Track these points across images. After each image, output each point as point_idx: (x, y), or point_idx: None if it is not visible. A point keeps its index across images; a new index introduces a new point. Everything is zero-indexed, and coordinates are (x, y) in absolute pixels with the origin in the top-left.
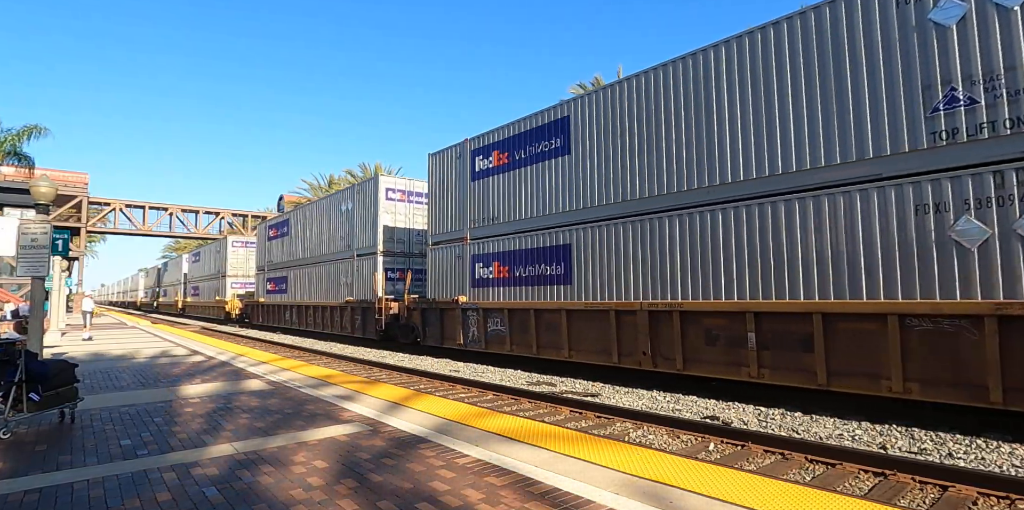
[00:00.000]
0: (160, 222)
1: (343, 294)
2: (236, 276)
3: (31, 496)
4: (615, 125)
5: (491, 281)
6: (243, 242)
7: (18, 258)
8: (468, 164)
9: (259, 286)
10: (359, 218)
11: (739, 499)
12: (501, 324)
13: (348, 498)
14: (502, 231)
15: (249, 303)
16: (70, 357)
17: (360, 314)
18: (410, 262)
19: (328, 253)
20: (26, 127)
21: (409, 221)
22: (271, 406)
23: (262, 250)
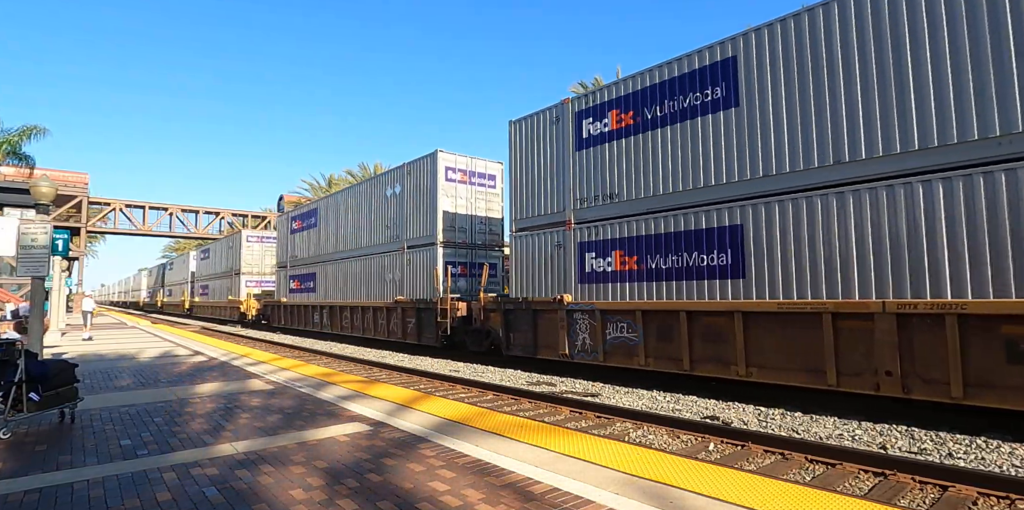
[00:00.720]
0: (160, 222)
1: (390, 293)
2: (251, 274)
3: (31, 496)
4: (816, 59)
5: (610, 275)
6: (259, 237)
7: (18, 258)
8: (570, 130)
9: (280, 285)
10: (411, 203)
11: (739, 499)
12: (630, 330)
13: (348, 498)
14: (627, 212)
15: (269, 303)
16: (70, 357)
17: (415, 316)
18: (472, 255)
19: (369, 245)
20: (26, 127)
21: (471, 206)
22: (271, 406)
23: (284, 245)
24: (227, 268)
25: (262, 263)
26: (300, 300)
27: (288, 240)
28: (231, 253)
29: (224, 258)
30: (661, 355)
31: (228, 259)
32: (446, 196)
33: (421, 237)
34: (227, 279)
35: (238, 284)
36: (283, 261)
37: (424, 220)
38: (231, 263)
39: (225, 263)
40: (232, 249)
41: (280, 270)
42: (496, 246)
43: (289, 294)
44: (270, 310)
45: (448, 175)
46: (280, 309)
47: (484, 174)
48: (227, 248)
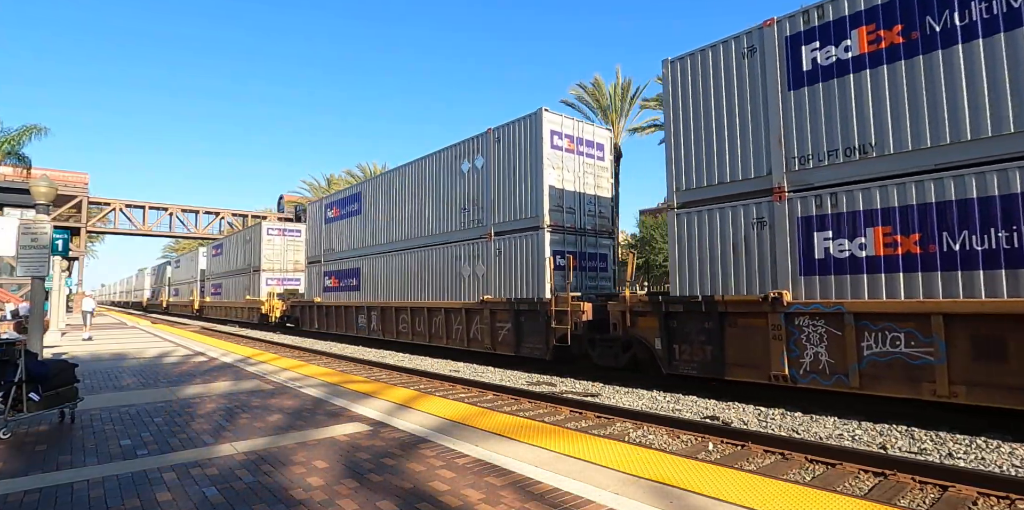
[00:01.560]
0: (160, 222)
1: (469, 290)
2: (272, 271)
3: (31, 496)
4: None
5: (867, 263)
6: (280, 229)
7: (18, 258)
8: (778, 62)
9: (312, 283)
10: (500, 178)
11: (739, 499)
12: (915, 343)
13: (348, 498)
14: (895, 169)
15: (298, 304)
16: (70, 357)
17: (511, 320)
18: (581, 243)
19: (436, 234)
20: (26, 127)
21: (579, 182)
22: (271, 406)
23: (316, 236)
24: (244, 265)
25: (284, 259)
26: (339, 300)
27: (322, 231)
28: (249, 248)
29: (240, 254)
30: (983, 381)
31: (245, 255)
32: (552, 168)
33: (518, 220)
34: (244, 277)
35: (257, 282)
36: (315, 255)
37: (522, 199)
38: (249, 259)
39: (242, 259)
40: (250, 243)
41: (311, 266)
42: (607, 233)
43: (324, 293)
44: (300, 311)
45: (554, 141)
46: (313, 311)
47: (592, 142)
48: (244, 243)
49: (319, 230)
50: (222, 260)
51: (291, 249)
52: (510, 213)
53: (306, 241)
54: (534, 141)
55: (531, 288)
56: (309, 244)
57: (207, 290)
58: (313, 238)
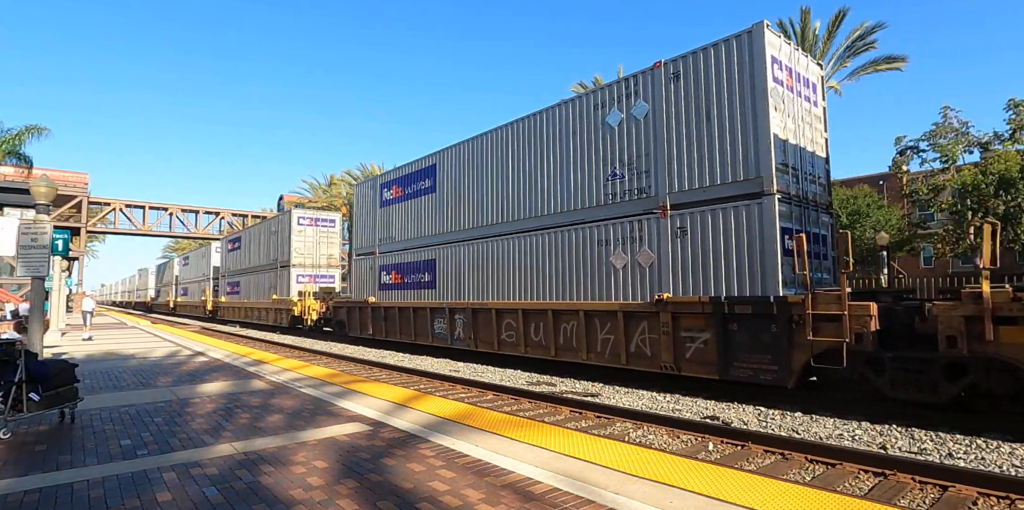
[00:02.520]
0: (160, 222)
1: (625, 287)
2: (304, 266)
3: (31, 496)
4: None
5: None
6: (312, 219)
7: (18, 258)
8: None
9: (361, 279)
10: (681, 128)
11: (739, 499)
12: None
13: (348, 498)
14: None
15: (343, 304)
16: (70, 357)
17: (717, 329)
18: (804, 218)
19: (565, 211)
20: (27, 127)
21: (799, 134)
22: (271, 406)
23: (369, 223)
24: (269, 260)
25: (316, 253)
26: (404, 300)
27: (376, 216)
28: (275, 240)
29: (264, 247)
30: None
31: (270, 248)
32: (775, 109)
33: (720, 186)
34: (268, 274)
35: (286, 280)
36: (365, 246)
37: (727, 155)
38: (276, 253)
39: (266, 254)
40: (277, 235)
41: (361, 259)
42: (825, 205)
43: (381, 291)
44: (347, 314)
45: (775, 72)
46: (366, 313)
47: (807, 81)
48: (268, 235)
49: (371, 215)
50: (240, 255)
51: (324, 241)
52: (704, 176)
53: (353, 230)
54: (749, 71)
55: (746, 282)
56: (358, 233)
57: (222, 289)
58: (363, 225)
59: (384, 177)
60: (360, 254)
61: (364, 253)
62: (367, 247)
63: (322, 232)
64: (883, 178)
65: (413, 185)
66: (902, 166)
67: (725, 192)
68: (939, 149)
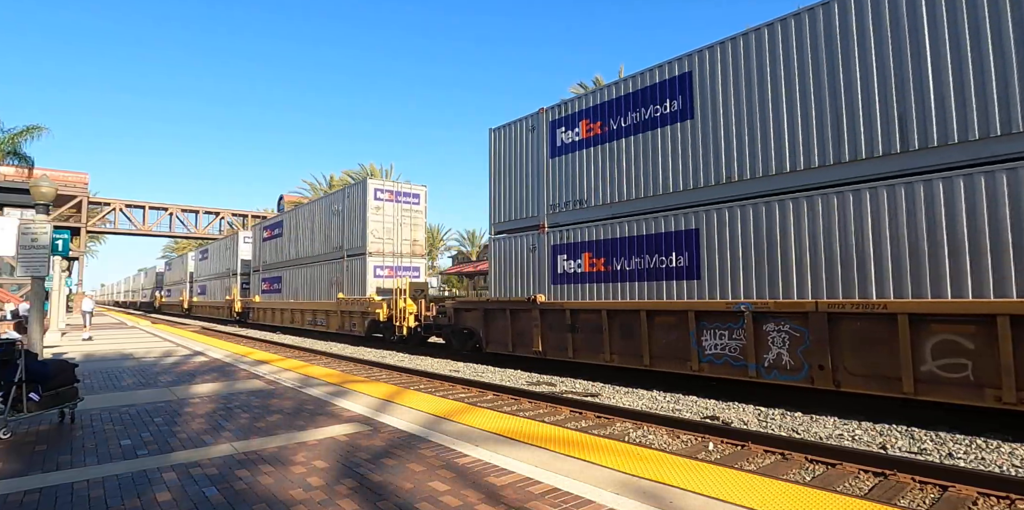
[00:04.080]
0: (160, 222)
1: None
2: (381, 254)
3: (31, 496)
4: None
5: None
6: (392, 192)
7: (18, 258)
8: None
9: (511, 268)
10: None
11: (739, 499)
12: None
13: (348, 498)
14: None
15: (471, 306)
16: (70, 357)
17: None
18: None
19: None
20: (27, 127)
21: (395, 223)
22: (271, 406)
23: (524, 182)
24: (329, 248)
25: (397, 237)
26: (613, 297)
27: (539, 172)
28: (338, 223)
29: (321, 232)
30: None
31: (331, 233)
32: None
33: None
34: (327, 266)
35: (358, 273)
36: (522, 217)
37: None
38: (340, 239)
39: (324, 240)
40: (341, 216)
41: (512, 237)
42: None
43: (558, 286)
44: (484, 321)
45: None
46: (530, 320)
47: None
48: (326, 215)
49: (530, 171)
50: (281, 245)
51: (407, 222)
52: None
53: (492, 196)
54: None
55: None
56: (502, 200)
57: (256, 287)
58: (512, 188)
59: (562, 109)
60: (507, 231)
61: (516, 229)
62: (523, 219)
63: (404, 210)
64: None
65: (635, 113)
66: None
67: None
68: None
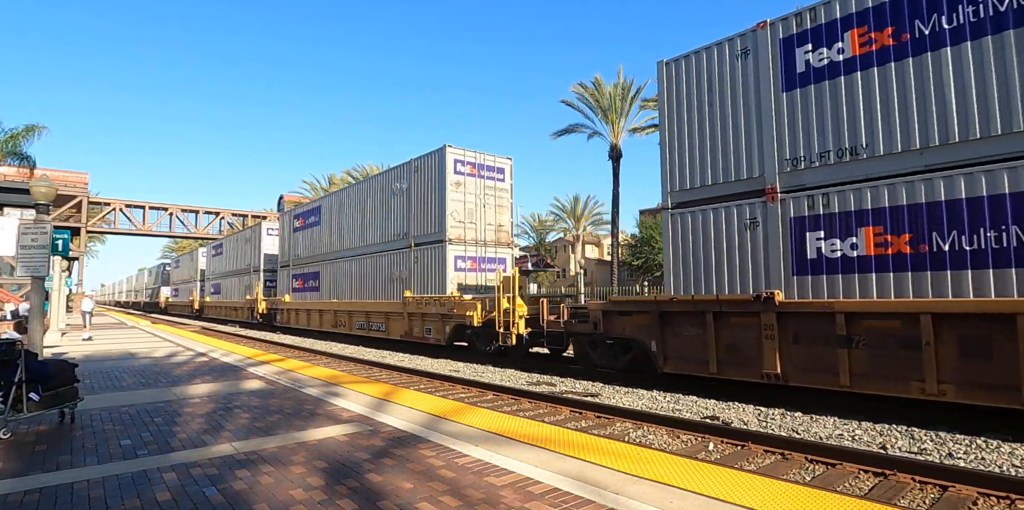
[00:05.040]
0: (160, 222)
1: None
2: (462, 242)
3: (31, 496)
4: None
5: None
6: (474, 165)
7: (18, 258)
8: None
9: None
10: None
11: (739, 499)
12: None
13: (348, 498)
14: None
15: (615, 307)
16: (70, 357)
17: None
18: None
19: None
20: (27, 127)
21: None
22: (271, 406)
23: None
24: (390, 236)
25: (480, 222)
26: None
27: None
28: (404, 204)
29: (374, 218)
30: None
31: (393, 218)
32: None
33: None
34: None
35: (437, 266)
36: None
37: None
38: (406, 224)
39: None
40: (407, 194)
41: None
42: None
43: (813, 275)
44: (663, 329)
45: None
46: None
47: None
48: (385, 196)
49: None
50: (318, 235)
51: (491, 203)
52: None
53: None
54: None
55: None
56: (698, 156)
57: (284, 285)
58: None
59: (807, 17)
60: (697, 202)
61: (714, 198)
62: (729, 183)
63: (488, 187)
64: None
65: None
66: None
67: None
68: None
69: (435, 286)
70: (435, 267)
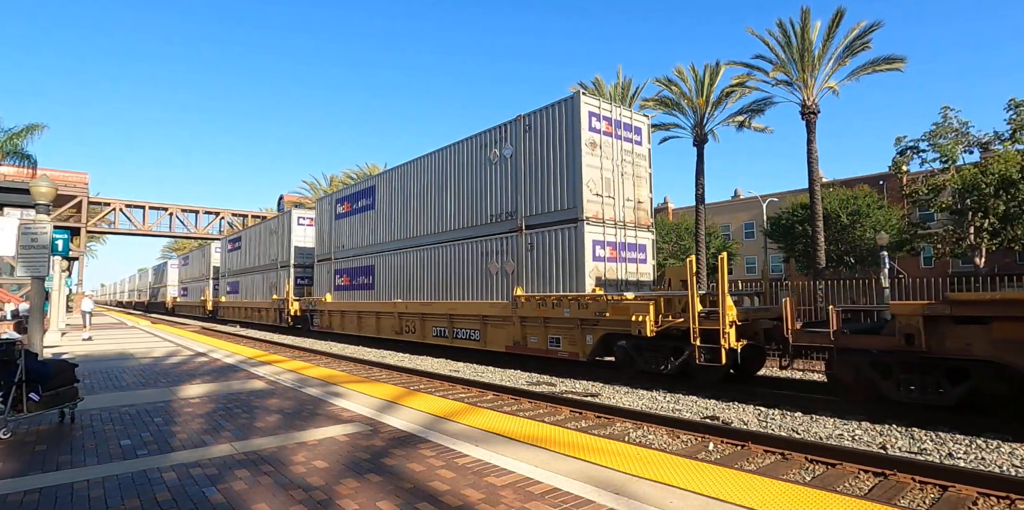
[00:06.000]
0: (160, 222)
1: None
2: (599, 221)
3: (31, 496)
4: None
5: None
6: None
7: (18, 258)
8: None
9: None
10: None
11: (739, 499)
12: None
13: (348, 498)
14: None
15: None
16: (70, 357)
17: None
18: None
19: None
20: (27, 126)
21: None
22: (271, 406)
23: None
24: (484, 218)
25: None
26: None
27: None
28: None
29: (458, 195)
30: None
31: (489, 193)
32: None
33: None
34: (479, 246)
35: (570, 254)
36: None
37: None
38: (514, 200)
39: (471, 207)
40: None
41: None
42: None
43: None
44: None
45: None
46: None
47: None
48: (478, 166)
49: None
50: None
51: (629, 173)
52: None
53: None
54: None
55: None
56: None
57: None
58: None
59: None
60: None
61: None
62: None
63: (626, 152)
64: (883, 178)
65: None
66: (902, 166)
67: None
68: (939, 149)
69: (562, 280)
70: (562, 255)
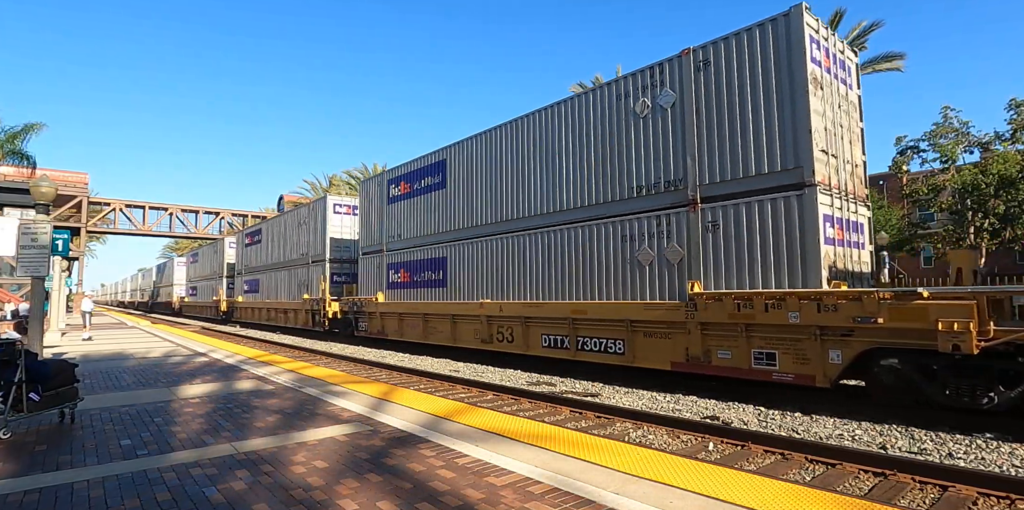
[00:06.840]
0: (160, 222)
1: None
2: (829, 189)
3: (31, 496)
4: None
5: None
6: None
7: (18, 258)
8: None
9: None
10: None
11: (739, 499)
12: None
13: (348, 498)
14: None
15: None
16: (70, 357)
17: None
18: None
19: None
20: (26, 125)
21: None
22: (271, 406)
23: None
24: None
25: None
26: None
27: None
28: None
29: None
30: None
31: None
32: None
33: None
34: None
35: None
36: None
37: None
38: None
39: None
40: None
41: None
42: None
43: None
44: None
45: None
46: None
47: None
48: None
49: None
50: (439, 204)
51: (843, 125)
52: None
53: None
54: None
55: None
56: None
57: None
58: None
59: None
60: None
61: None
62: None
63: (840, 98)
64: (883, 178)
65: None
66: (902, 166)
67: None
68: (939, 149)
69: (773, 272)
70: (772, 236)
